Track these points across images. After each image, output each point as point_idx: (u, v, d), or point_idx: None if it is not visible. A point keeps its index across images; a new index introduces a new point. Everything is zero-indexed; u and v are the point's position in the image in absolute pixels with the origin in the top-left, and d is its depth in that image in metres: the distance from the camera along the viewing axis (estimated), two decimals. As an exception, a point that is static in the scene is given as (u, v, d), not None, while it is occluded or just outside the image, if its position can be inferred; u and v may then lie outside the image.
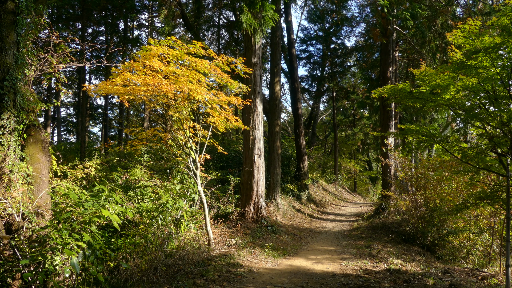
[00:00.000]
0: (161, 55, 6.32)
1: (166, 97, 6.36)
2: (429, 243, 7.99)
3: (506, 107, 4.82)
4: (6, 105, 3.81)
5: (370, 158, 30.06)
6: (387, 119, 12.47)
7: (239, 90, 7.48)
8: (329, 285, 5.04)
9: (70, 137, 26.48)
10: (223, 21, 19.34)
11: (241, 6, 8.22)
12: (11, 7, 3.91)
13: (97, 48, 15.02)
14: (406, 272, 5.70)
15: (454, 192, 8.31)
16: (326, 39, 22.26)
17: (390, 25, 11.26)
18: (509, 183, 4.52)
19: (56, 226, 3.61)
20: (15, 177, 3.85)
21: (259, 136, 9.66)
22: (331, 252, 7.32)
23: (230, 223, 8.73)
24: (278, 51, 12.77)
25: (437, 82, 5.02)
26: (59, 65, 4.83)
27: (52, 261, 3.38)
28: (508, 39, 4.08)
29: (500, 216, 7.04)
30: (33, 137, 4.26)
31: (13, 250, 3.52)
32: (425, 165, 9.06)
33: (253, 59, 9.49)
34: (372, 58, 18.32)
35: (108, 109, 22.97)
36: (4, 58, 3.83)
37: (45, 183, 4.31)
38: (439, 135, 5.82)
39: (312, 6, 21.77)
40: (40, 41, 5.12)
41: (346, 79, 25.58)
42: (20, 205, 3.78)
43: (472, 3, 10.98)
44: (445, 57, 10.92)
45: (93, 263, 3.73)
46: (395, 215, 10.51)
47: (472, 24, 4.36)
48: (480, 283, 5.23)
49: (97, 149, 15.62)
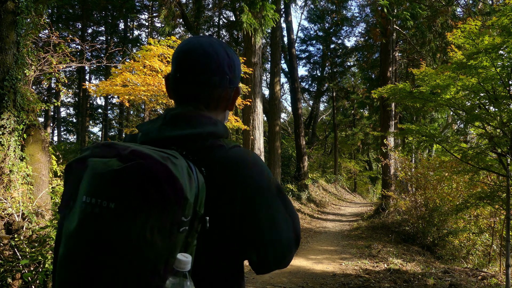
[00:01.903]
0: (161, 55, 6.32)
1: (166, 97, 6.37)
2: (429, 243, 7.99)
3: (506, 107, 4.82)
4: (6, 105, 3.81)
5: (370, 158, 30.06)
6: (387, 119, 12.47)
7: (239, 90, 7.48)
8: (329, 285, 5.04)
9: (70, 137, 26.50)
10: (223, 21, 19.35)
11: (241, 6, 8.22)
12: (11, 7, 3.91)
13: (97, 48, 15.03)
14: (406, 272, 5.71)
15: (454, 192, 8.31)
16: (326, 39, 22.26)
17: (390, 25, 11.26)
18: (509, 183, 4.52)
19: (56, 226, 3.61)
20: (15, 177, 3.85)
21: (259, 136, 9.67)
22: (331, 252, 7.32)
23: (230, 223, 8.73)
24: (278, 51, 12.77)
25: (437, 82, 5.02)
26: (59, 65, 4.83)
27: (52, 261, 3.38)
28: (508, 39, 4.08)
29: (500, 216, 7.04)
30: (33, 137, 4.26)
31: (13, 250, 3.52)
32: (425, 165, 9.06)
33: (253, 59, 9.49)
34: (372, 58, 18.32)
35: (108, 109, 22.99)
36: (4, 58, 3.83)
37: (45, 183, 4.31)
38: (439, 135, 5.83)
39: (312, 6, 21.78)
40: (40, 41, 5.12)
41: (346, 79, 25.59)
42: (20, 205, 3.78)
43: (472, 3, 10.98)
44: (445, 57, 10.92)
45: (93, 263, 3.72)
46: (395, 215, 10.51)
47: (472, 24, 4.36)
48: (480, 283, 5.23)
49: (97, 149, 15.60)
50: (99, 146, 0.74)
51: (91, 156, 0.72)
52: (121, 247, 0.64)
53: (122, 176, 0.65)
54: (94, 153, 0.72)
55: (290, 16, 16.55)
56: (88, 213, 0.66)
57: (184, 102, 0.85)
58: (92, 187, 0.67)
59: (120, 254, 0.63)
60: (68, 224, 0.69)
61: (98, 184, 0.67)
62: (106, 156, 0.69)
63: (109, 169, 0.66)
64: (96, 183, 0.67)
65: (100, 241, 0.64)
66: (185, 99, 0.86)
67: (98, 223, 0.65)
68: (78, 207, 0.68)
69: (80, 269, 0.66)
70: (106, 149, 0.72)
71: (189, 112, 0.82)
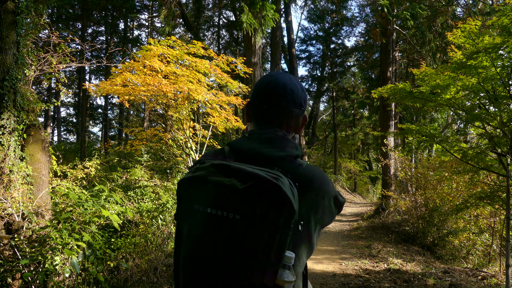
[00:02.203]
0: (161, 55, 6.32)
1: (166, 97, 6.36)
2: (429, 243, 7.98)
3: (506, 107, 4.81)
4: (6, 105, 3.81)
5: (370, 158, 30.05)
6: (387, 119, 12.46)
7: (239, 90, 7.49)
8: (329, 285, 5.04)
9: (70, 137, 26.51)
10: (223, 21, 19.35)
11: (242, 6, 8.22)
12: (11, 7, 3.90)
13: (97, 48, 15.02)
14: (406, 272, 5.70)
15: (454, 192, 8.31)
16: (326, 39, 22.26)
17: (390, 25, 11.26)
18: (509, 183, 4.52)
19: (56, 226, 3.61)
20: (15, 177, 3.85)
21: (259, 136, 9.65)
22: (331, 252, 7.32)
23: (230, 223, 8.72)
24: (278, 51, 12.77)
25: (437, 82, 5.02)
26: (59, 65, 4.83)
27: (52, 261, 3.38)
28: (508, 39, 4.08)
29: (500, 216, 7.03)
30: (33, 137, 4.26)
31: (13, 250, 3.52)
32: (425, 165, 9.05)
33: (253, 59, 9.49)
34: (372, 58, 18.32)
35: (108, 109, 22.99)
36: (4, 58, 3.83)
37: (45, 183, 4.31)
38: (439, 135, 5.82)
39: (312, 6, 21.78)
40: (40, 41, 5.12)
41: (346, 79, 25.58)
42: (20, 205, 3.78)
43: (472, 3, 10.98)
44: (445, 57, 10.91)
45: (93, 263, 3.73)
46: (395, 215, 10.51)
47: (472, 24, 4.36)
48: (480, 283, 5.23)
49: (97, 149, 15.62)
50: (214, 166, 0.92)
51: (208, 175, 0.91)
52: (245, 247, 0.84)
53: (246, 195, 0.85)
54: (211, 172, 0.91)
55: (290, 16, 16.56)
56: (214, 222, 0.86)
57: (268, 126, 1.07)
58: (218, 202, 0.87)
59: (241, 253, 0.84)
60: (191, 229, 0.91)
61: (225, 200, 0.86)
62: (225, 176, 0.89)
63: (233, 188, 0.86)
64: (223, 199, 0.87)
65: (226, 241, 0.85)
66: (269, 124, 1.07)
67: (225, 229, 0.85)
68: (201, 216, 0.89)
69: (205, 263, 0.87)
70: (221, 169, 0.91)
71: (278, 136, 1.04)
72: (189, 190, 0.93)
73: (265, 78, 1.10)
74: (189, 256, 0.90)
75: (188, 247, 0.91)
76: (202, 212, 0.88)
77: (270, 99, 1.06)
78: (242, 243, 0.84)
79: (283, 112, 1.07)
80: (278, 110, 1.06)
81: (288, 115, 1.07)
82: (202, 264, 0.87)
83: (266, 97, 1.07)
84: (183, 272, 0.91)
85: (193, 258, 0.89)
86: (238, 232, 0.84)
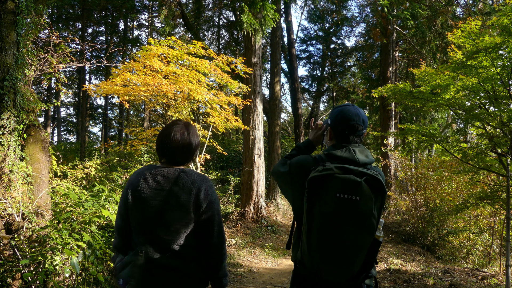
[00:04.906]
0: (161, 55, 6.32)
1: (166, 97, 6.36)
2: (429, 243, 7.98)
3: (506, 107, 4.81)
4: (6, 105, 3.81)
5: (370, 158, 29.98)
6: (387, 119, 12.46)
7: (239, 90, 7.48)
8: (329, 285, 5.03)
9: (70, 137, 26.50)
10: (223, 21, 19.34)
11: (242, 6, 8.21)
12: (11, 7, 3.90)
13: (97, 48, 15.03)
14: (406, 272, 5.70)
15: (454, 192, 8.31)
16: (326, 39, 22.23)
17: (390, 25, 11.26)
18: (509, 183, 4.52)
19: (56, 226, 3.61)
20: (15, 177, 3.85)
21: (259, 136, 9.66)
22: (331, 252, 7.31)
23: (230, 223, 8.73)
24: (278, 51, 12.77)
25: (437, 82, 5.01)
26: (59, 65, 4.82)
27: (52, 261, 3.38)
28: (508, 39, 4.08)
29: (500, 216, 7.03)
30: (33, 137, 4.26)
31: (13, 250, 3.52)
32: (425, 165, 9.05)
33: (253, 59, 9.48)
34: (372, 58, 18.30)
35: (108, 109, 22.98)
36: (4, 58, 3.83)
37: (45, 183, 4.31)
38: (439, 135, 5.82)
39: (312, 6, 21.76)
40: (40, 41, 5.12)
41: (346, 79, 25.56)
42: (20, 205, 3.78)
43: (472, 3, 10.97)
44: (445, 57, 10.90)
45: (93, 263, 3.72)
46: (395, 215, 10.51)
47: (472, 24, 4.36)
48: (480, 283, 5.23)
49: (97, 149, 15.62)
50: (338, 168, 1.42)
51: (335, 174, 1.41)
52: (357, 219, 1.39)
53: (364, 185, 1.38)
54: (336, 172, 1.41)
55: (290, 16, 16.54)
56: (342, 202, 1.37)
57: (353, 141, 1.65)
58: (345, 189, 1.38)
59: (354, 222, 1.39)
60: (323, 209, 1.40)
61: (350, 188, 1.38)
62: (345, 174, 1.41)
63: (355, 180, 1.38)
64: (349, 187, 1.38)
65: (350, 214, 1.38)
66: (352, 141, 1.65)
67: (350, 207, 1.37)
68: (332, 199, 1.38)
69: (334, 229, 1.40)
70: (342, 170, 1.42)
71: (363, 148, 1.62)
72: (326, 183, 1.41)
73: (345, 109, 1.70)
74: (324, 224, 1.40)
75: (323, 219, 1.40)
76: (331, 196, 1.38)
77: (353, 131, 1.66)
78: (360, 213, 1.37)
79: (362, 133, 1.68)
80: (359, 130, 1.66)
81: (363, 134, 1.69)
82: (332, 230, 1.39)
83: (351, 127, 1.66)
84: (317, 235, 1.41)
85: (328, 224, 1.40)
86: (359, 207, 1.37)
